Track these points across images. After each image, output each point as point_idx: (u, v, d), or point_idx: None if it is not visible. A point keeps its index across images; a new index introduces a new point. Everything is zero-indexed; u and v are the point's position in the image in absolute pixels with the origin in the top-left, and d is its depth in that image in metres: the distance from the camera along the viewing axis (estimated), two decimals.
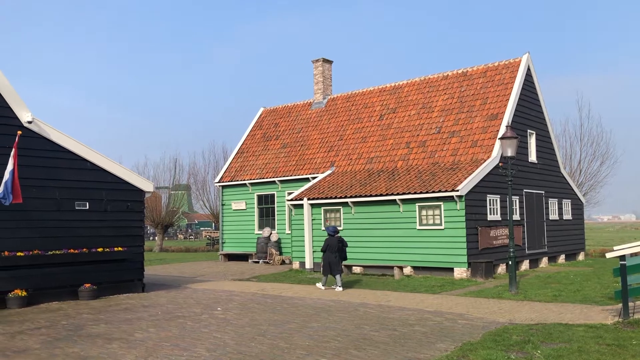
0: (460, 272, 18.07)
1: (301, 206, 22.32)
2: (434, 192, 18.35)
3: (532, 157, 22.87)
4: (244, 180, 28.05)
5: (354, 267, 20.54)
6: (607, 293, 13.88)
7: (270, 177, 26.91)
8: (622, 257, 10.32)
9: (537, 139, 23.18)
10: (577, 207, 26.81)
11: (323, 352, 8.42)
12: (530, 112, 22.72)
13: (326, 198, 21.38)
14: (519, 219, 21.25)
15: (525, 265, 21.42)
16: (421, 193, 18.70)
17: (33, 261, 13.65)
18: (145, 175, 39.46)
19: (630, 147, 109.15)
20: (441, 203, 18.49)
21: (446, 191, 18.07)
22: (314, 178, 24.78)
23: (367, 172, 22.87)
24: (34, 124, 14.06)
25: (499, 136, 17.83)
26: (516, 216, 20.89)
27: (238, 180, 28.33)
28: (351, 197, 20.56)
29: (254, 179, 27.64)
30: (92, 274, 14.81)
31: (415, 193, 18.85)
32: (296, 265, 22.71)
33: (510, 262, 14.87)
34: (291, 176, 26.06)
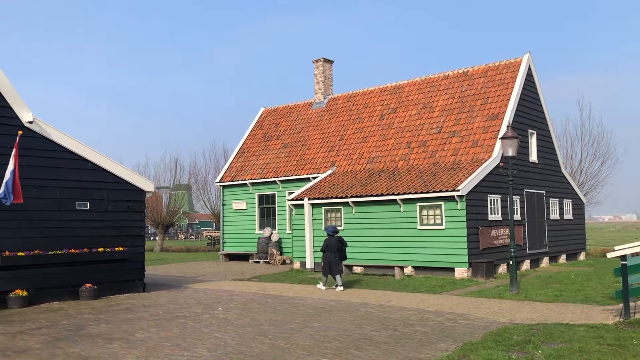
0: (461, 272, 18.07)
1: (302, 206, 22.33)
2: (434, 192, 18.35)
3: (533, 157, 22.86)
4: (244, 180, 28.06)
5: (354, 267, 20.54)
6: (608, 293, 13.87)
7: (271, 177, 26.92)
8: (623, 257, 10.32)
9: (538, 139, 23.17)
10: (578, 207, 26.80)
11: (324, 352, 8.42)
12: (531, 112, 22.70)
13: (327, 198, 21.37)
14: (520, 218, 21.24)
15: (526, 265, 21.41)
16: (422, 193, 18.69)
17: (34, 261, 13.65)
18: (146, 175, 39.46)
19: (631, 147, 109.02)
20: (442, 203, 18.48)
21: (447, 191, 18.06)
22: (314, 178, 24.78)
23: (367, 172, 22.86)
24: (34, 124, 14.06)
25: (500, 136, 17.84)
26: (517, 216, 20.87)
27: (239, 180, 28.34)
28: (352, 197, 20.55)
29: (254, 178, 27.64)
30: (93, 273, 14.82)
31: (416, 193, 18.84)
32: (297, 265, 22.72)
33: (511, 262, 14.86)
34: (292, 176, 26.06)
